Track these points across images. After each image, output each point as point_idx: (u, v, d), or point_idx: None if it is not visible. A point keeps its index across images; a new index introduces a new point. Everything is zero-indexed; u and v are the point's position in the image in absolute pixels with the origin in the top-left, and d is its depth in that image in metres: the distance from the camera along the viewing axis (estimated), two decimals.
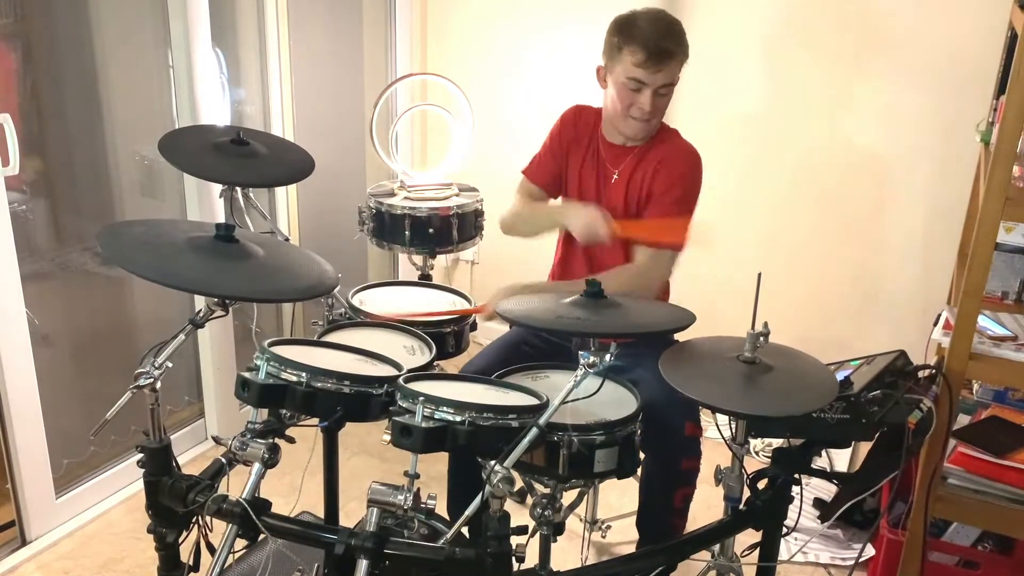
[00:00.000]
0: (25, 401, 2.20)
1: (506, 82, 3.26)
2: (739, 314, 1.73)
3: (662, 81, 1.90)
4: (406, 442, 1.34)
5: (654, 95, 1.90)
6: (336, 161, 3.21)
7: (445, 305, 2.11)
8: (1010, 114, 1.65)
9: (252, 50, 2.90)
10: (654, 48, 1.85)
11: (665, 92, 1.92)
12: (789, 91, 2.86)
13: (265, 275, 1.47)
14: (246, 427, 1.45)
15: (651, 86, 1.89)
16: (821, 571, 2.33)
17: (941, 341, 2.03)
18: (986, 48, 2.52)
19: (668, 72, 1.89)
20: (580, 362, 1.40)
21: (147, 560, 2.22)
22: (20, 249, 2.14)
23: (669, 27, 1.90)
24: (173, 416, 2.75)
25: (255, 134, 2.03)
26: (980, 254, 1.73)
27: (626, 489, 2.39)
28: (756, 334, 1.49)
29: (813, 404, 1.48)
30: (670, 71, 1.90)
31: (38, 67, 2.32)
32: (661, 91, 1.91)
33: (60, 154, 2.43)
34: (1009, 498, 1.84)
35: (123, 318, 2.71)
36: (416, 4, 3.31)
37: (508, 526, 1.33)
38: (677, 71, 1.92)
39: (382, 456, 2.77)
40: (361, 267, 3.53)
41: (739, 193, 2.89)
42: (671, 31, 1.90)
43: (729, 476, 1.61)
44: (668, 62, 1.88)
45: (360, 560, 1.34)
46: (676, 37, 1.90)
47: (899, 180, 2.78)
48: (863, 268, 2.90)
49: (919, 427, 1.60)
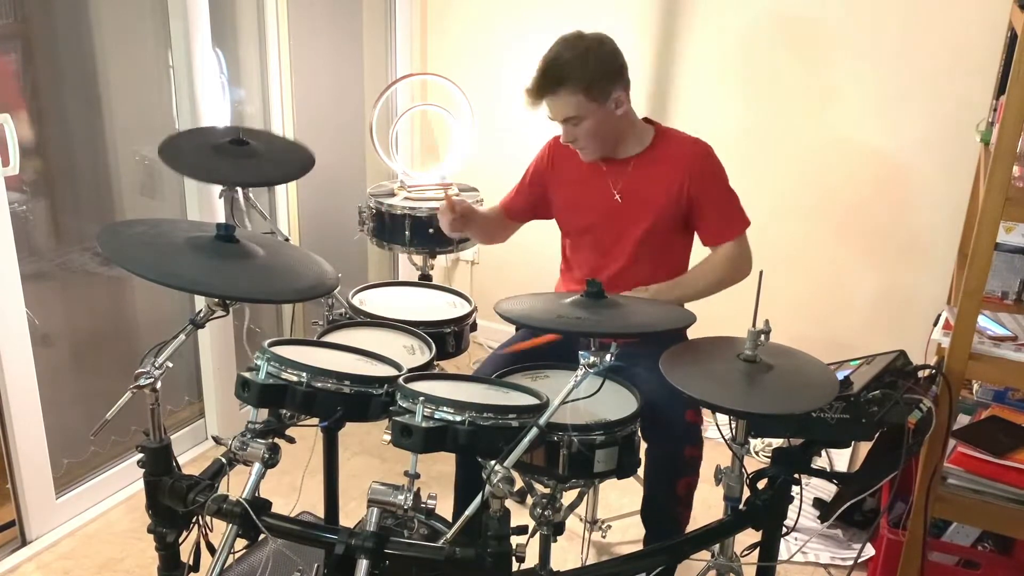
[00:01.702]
0: (25, 401, 2.20)
1: (506, 82, 3.26)
2: (740, 314, 1.73)
3: (558, 116, 1.92)
4: (406, 442, 1.34)
5: (567, 126, 1.93)
6: (336, 161, 3.21)
7: (444, 305, 2.11)
8: (1010, 114, 1.65)
9: (252, 50, 2.89)
10: (532, 86, 1.90)
11: (575, 123, 1.91)
12: (789, 91, 2.86)
13: (265, 275, 1.47)
14: (246, 427, 1.45)
15: (555, 119, 1.94)
16: (821, 571, 2.33)
17: (941, 341, 2.02)
18: (986, 48, 2.52)
19: (556, 109, 1.90)
20: (580, 362, 1.40)
21: (147, 560, 2.23)
22: (20, 249, 2.14)
23: (552, 65, 1.87)
24: (173, 416, 2.75)
25: (255, 132, 2.03)
26: (980, 254, 1.73)
27: (626, 489, 2.39)
28: (757, 332, 1.49)
29: (813, 404, 1.48)
30: (557, 108, 1.90)
31: (38, 67, 2.32)
32: (571, 122, 1.92)
33: (60, 154, 2.43)
34: (1009, 498, 1.84)
35: (123, 318, 2.71)
36: (416, 4, 3.31)
37: (508, 526, 1.34)
38: (571, 106, 1.88)
39: (382, 456, 2.77)
40: (361, 267, 3.53)
41: (740, 193, 2.88)
42: (549, 71, 1.87)
43: (729, 476, 1.62)
44: (547, 99, 1.89)
45: (360, 560, 1.34)
46: (555, 76, 1.86)
47: (899, 180, 2.78)
48: (863, 268, 2.91)
49: (919, 427, 1.60)
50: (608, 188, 2.03)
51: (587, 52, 1.88)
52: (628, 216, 2.02)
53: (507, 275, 3.40)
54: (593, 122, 1.92)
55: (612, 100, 1.92)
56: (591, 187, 2.05)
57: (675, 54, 2.95)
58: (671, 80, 2.96)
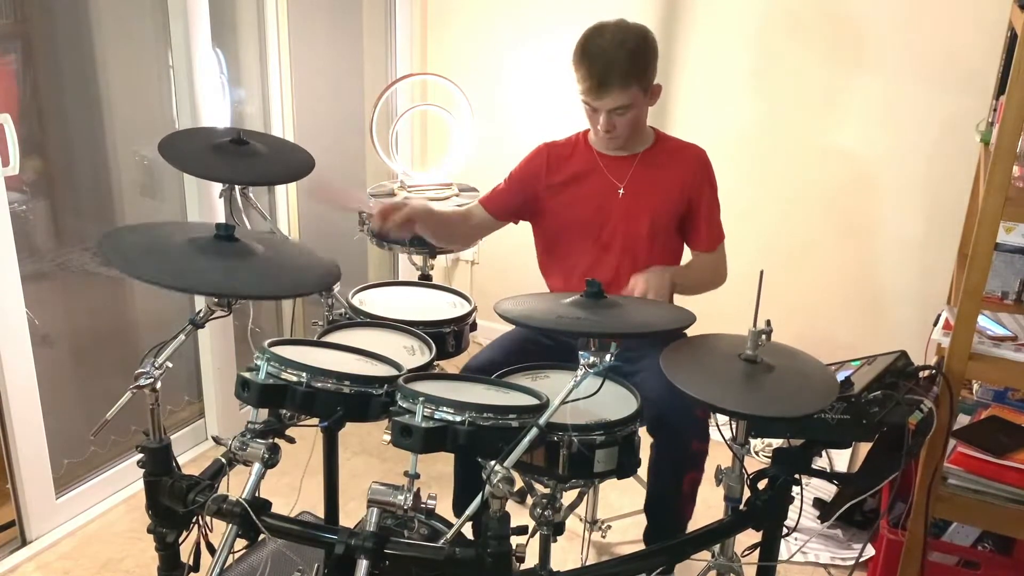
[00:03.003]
0: (25, 401, 2.20)
1: (506, 82, 3.26)
2: (740, 314, 1.73)
3: (611, 105, 1.91)
4: (406, 442, 1.34)
5: (609, 116, 1.93)
6: (336, 161, 3.21)
7: (444, 305, 2.11)
8: (1010, 114, 1.65)
9: (252, 50, 2.89)
10: (595, 81, 1.88)
11: (622, 113, 1.92)
12: (789, 92, 2.86)
13: (266, 273, 1.47)
14: (246, 427, 1.45)
15: (601, 111, 1.93)
16: (821, 571, 2.33)
17: (941, 341, 2.02)
18: (986, 48, 2.52)
19: (615, 98, 1.89)
20: (580, 362, 1.40)
21: (147, 560, 2.23)
22: (20, 249, 2.14)
23: (615, 56, 1.87)
24: (173, 416, 2.75)
25: (255, 134, 2.04)
26: (980, 254, 1.73)
27: (626, 489, 2.39)
28: (758, 332, 1.49)
29: (814, 404, 1.48)
30: (616, 98, 1.89)
31: (38, 67, 2.32)
32: (617, 112, 1.92)
33: (60, 154, 2.43)
34: (1009, 498, 1.84)
35: (123, 318, 2.71)
36: (416, 4, 3.31)
37: (508, 526, 1.33)
38: (627, 96, 1.89)
39: (382, 456, 2.77)
40: (361, 267, 3.53)
41: (739, 193, 2.89)
42: (616, 61, 1.86)
43: (729, 476, 1.61)
44: (610, 91, 1.88)
45: (360, 560, 1.34)
46: (622, 68, 1.87)
47: (900, 180, 2.78)
48: (863, 268, 2.91)
49: (919, 428, 1.60)
50: (611, 183, 2.04)
51: (644, 43, 1.92)
52: (630, 211, 2.03)
53: (507, 275, 3.40)
54: (637, 112, 1.95)
55: (651, 91, 1.98)
56: (592, 182, 2.06)
57: (675, 54, 2.95)
58: (671, 80, 2.96)
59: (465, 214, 2.18)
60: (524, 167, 2.14)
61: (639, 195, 2.03)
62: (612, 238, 2.05)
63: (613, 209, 2.04)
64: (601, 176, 2.05)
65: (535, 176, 2.11)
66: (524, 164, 2.15)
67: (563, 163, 2.09)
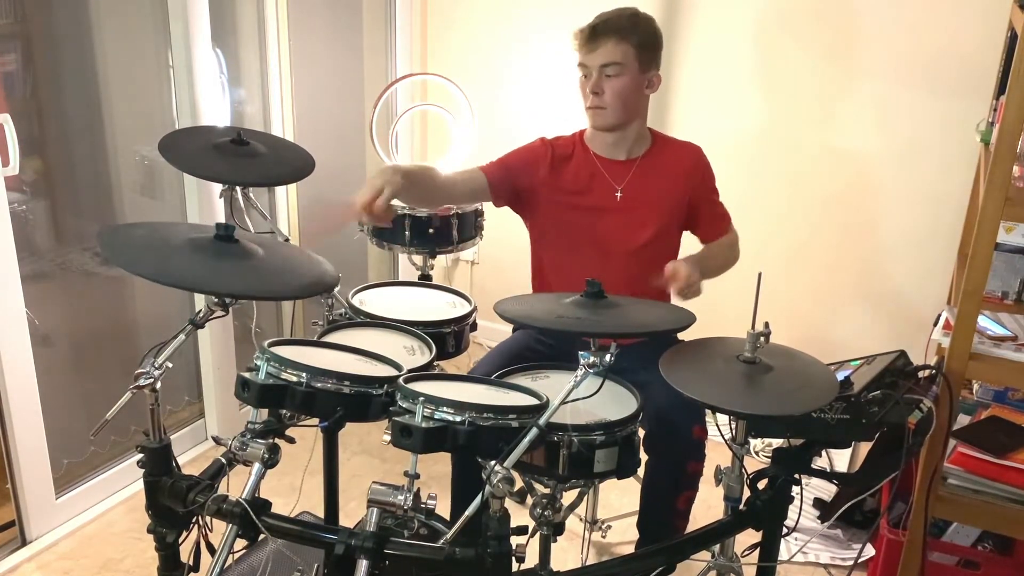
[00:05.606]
0: (25, 401, 2.20)
1: (506, 82, 3.26)
2: (739, 314, 1.73)
3: (600, 60, 1.93)
4: (406, 442, 1.33)
5: (600, 76, 1.94)
6: (336, 161, 3.21)
7: (444, 305, 2.11)
8: (1010, 114, 1.65)
9: (252, 50, 2.89)
10: (589, 28, 1.94)
11: (613, 73, 1.94)
12: (789, 92, 2.86)
13: (265, 273, 1.47)
14: (246, 427, 1.45)
15: (592, 66, 1.94)
16: (821, 571, 2.33)
17: (941, 341, 2.02)
18: (986, 48, 2.52)
19: (608, 51, 1.92)
20: (580, 362, 1.40)
21: (147, 560, 2.23)
22: (20, 249, 2.14)
23: (615, 14, 1.95)
24: (173, 416, 2.75)
25: (255, 134, 2.03)
26: (980, 254, 1.73)
27: (626, 489, 2.39)
28: (757, 334, 1.49)
29: (813, 404, 1.48)
30: (607, 51, 1.92)
31: (38, 67, 2.32)
32: (608, 71, 1.94)
33: (60, 154, 2.43)
34: (1009, 498, 1.84)
35: (123, 318, 2.71)
36: (416, 4, 3.31)
37: (508, 526, 1.33)
38: (620, 53, 1.93)
39: (382, 456, 2.77)
40: (361, 267, 3.53)
41: (739, 193, 2.87)
42: (614, 18, 1.94)
43: (729, 476, 1.61)
44: (603, 40, 1.92)
45: (360, 560, 1.34)
46: (619, 23, 1.93)
47: (899, 180, 2.78)
48: (863, 268, 2.91)
49: (919, 427, 1.60)
50: (610, 187, 2.04)
51: (647, 17, 1.99)
52: (630, 217, 2.02)
53: (507, 275, 3.40)
54: (627, 80, 1.95)
55: (650, 74, 2.00)
56: (592, 188, 2.05)
57: (675, 54, 2.95)
58: (671, 80, 2.96)
59: (451, 179, 2.07)
60: (525, 155, 2.10)
61: (639, 200, 2.03)
62: (609, 241, 2.05)
63: (611, 212, 2.04)
64: (600, 179, 2.05)
65: (535, 166, 2.07)
66: (525, 152, 2.11)
67: (564, 163, 2.08)
